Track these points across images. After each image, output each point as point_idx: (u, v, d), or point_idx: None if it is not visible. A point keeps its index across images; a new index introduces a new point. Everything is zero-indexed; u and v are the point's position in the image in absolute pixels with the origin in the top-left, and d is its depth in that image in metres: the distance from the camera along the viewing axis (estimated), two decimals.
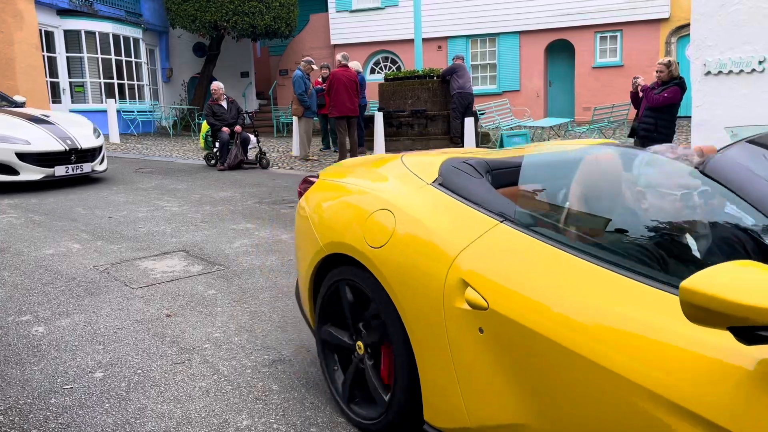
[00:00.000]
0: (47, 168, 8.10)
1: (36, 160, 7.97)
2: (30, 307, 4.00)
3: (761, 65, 5.53)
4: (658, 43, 17.17)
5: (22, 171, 7.90)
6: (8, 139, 7.82)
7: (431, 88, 13.24)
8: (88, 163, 8.66)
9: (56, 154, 8.16)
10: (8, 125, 8.09)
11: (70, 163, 8.31)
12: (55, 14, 16.08)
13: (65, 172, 8.30)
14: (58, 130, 8.36)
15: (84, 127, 8.94)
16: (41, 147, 7.99)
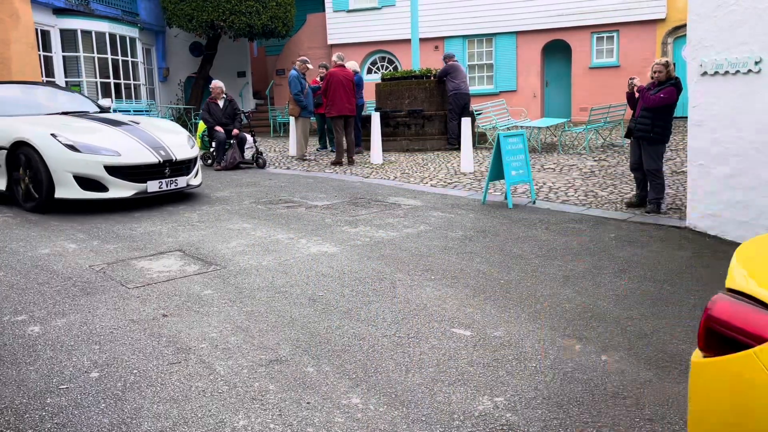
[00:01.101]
0: (139, 183, 6.82)
1: (126, 174, 6.73)
2: (25, 306, 3.99)
3: (757, 66, 5.54)
4: (655, 44, 17.19)
5: (112, 187, 6.63)
6: (96, 149, 6.62)
7: (428, 88, 13.23)
8: (183, 176, 7.33)
9: (149, 167, 6.92)
10: (95, 133, 7.00)
11: (163, 177, 7.03)
12: (51, 13, 16.03)
13: (158, 188, 6.98)
14: (149, 139, 7.16)
15: (177, 134, 7.74)
16: (133, 159, 6.76)
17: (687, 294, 4.32)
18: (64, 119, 7.35)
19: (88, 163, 6.49)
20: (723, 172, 5.90)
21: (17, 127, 6.75)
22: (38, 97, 8.34)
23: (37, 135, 6.55)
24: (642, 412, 2.78)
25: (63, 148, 6.46)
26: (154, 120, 8.41)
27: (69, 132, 6.69)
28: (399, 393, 2.93)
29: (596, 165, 10.03)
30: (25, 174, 6.68)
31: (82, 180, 6.51)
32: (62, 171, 6.46)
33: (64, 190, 6.51)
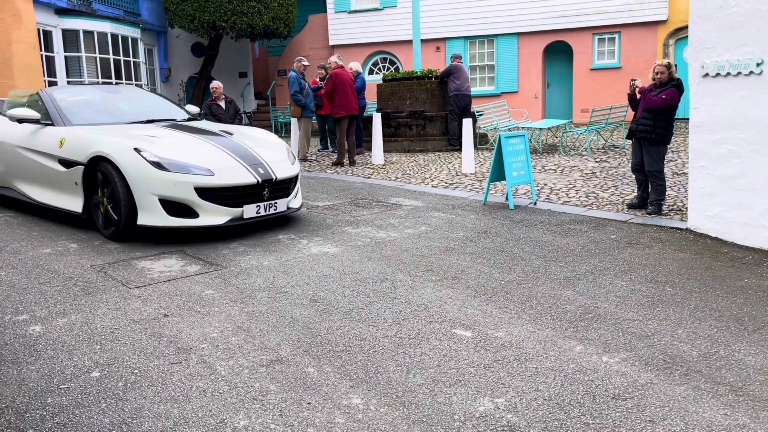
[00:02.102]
0: (234, 207, 5.63)
1: (220, 196, 5.57)
2: (27, 306, 3.99)
3: (759, 67, 5.54)
4: (656, 45, 17.19)
5: (202, 212, 5.49)
6: (186, 167, 5.47)
7: (429, 89, 13.23)
8: (283, 198, 6.08)
9: (246, 189, 5.70)
10: (184, 147, 5.84)
11: (262, 200, 5.82)
12: (54, 13, 16.04)
13: (255, 213, 5.77)
14: (246, 153, 5.98)
15: (276, 147, 6.53)
16: (228, 178, 5.58)
17: (688, 295, 4.32)
18: (149, 129, 6.27)
19: (177, 183, 5.35)
20: (724, 174, 5.89)
21: (96, 138, 5.71)
22: (120, 101, 7.46)
23: (117, 149, 5.49)
24: (643, 414, 2.78)
25: (147, 165, 5.36)
26: (249, 130, 7.11)
27: (154, 146, 5.59)
28: (400, 393, 2.93)
29: (597, 166, 10.03)
30: (103, 195, 5.63)
31: (168, 204, 5.39)
32: (146, 192, 5.36)
33: (147, 215, 5.42)
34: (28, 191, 6.38)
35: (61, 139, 5.94)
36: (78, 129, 6.06)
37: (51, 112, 6.38)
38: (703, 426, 2.69)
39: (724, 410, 2.83)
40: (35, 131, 6.26)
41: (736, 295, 4.36)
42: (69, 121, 6.28)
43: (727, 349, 3.48)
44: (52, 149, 5.98)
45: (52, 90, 6.78)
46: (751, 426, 2.70)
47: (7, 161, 6.59)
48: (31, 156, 6.23)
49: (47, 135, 6.14)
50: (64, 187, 5.97)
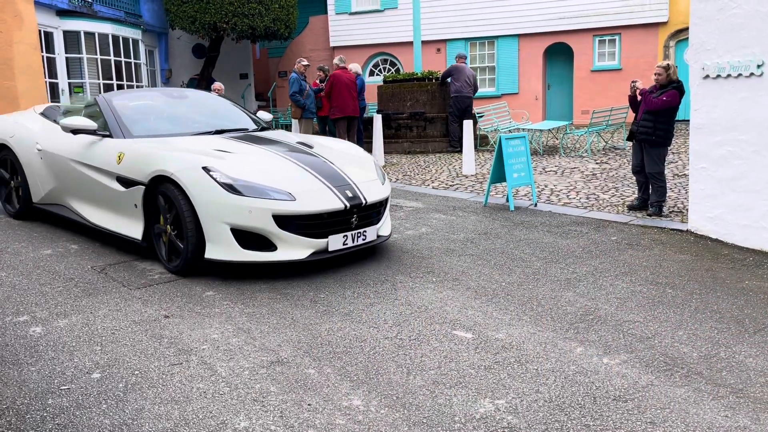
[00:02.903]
0: (318, 239, 4.63)
1: (301, 225, 4.58)
2: (27, 307, 4.00)
3: (759, 69, 5.54)
4: (657, 47, 17.19)
5: (281, 244, 4.53)
6: (263, 190, 4.52)
7: (430, 91, 13.24)
8: (373, 225, 5.03)
9: (332, 216, 4.69)
10: (260, 165, 4.86)
11: (349, 229, 4.81)
12: (55, 15, 16.06)
13: (342, 245, 4.76)
14: (330, 172, 4.99)
15: (364, 164, 5.49)
16: (311, 204, 4.60)
17: (689, 297, 4.32)
18: (218, 142, 5.29)
19: (253, 210, 4.44)
20: (725, 175, 5.89)
21: (158, 154, 4.84)
22: (186, 108, 6.42)
23: (183, 168, 4.58)
24: (644, 416, 2.78)
25: (218, 188, 4.46)
26: (329, 141, 6.15)
27: (226, 164, 4.66)
28: (400, 395, 2.93)
29: (598, 168, 10.03)
30: (166, 221, 4.75)
31: (241, 234, 4.49)
32: (216, 221, 4.46)
33: (217, 248, 4.52)
34: (82, 211, 5.55)
35: (119, 154, 5.07)
36: (138, 142, 5.17)
37: (109, 121, 5.47)
38: (703, 428, 2.69)
39: (724, 412, 2.83)
40: (91, 144, 5.39)
41: (736, 296, 4.35)
42: (129, 132, 5.37)
43: (728, 350, 3.48)
44: (110, 165, 5.12)
45: (111, 95, 5.94)
46: (751, 428, 2.70)
47: (61, 176, 5.75)
48: (86, 172, 5.38)
49: (104, 148, 5.27)
50: (123, 209, 5.10)
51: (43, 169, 5.92)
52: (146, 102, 6.32)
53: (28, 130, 6.16)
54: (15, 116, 6.67)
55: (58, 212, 5.90)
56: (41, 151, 5.90)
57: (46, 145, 5.86)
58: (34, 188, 6.11)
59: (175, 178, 4.56)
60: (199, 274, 4.69)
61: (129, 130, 5.41)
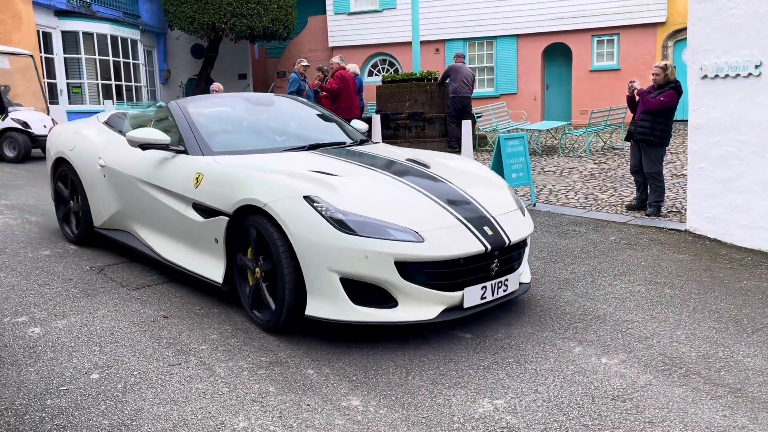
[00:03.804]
0: (449, 291, 3.50)
1: (430, 275, 3.47)
2: (26, 308, 4.00)
3: (757, 69, 5.55)
4: (655, 47, 17.22)
5: (404, 299, 3.43)
6: (383, 228, 3.43)
7: (429, 91, 13.25)
8: (514, 271, 3.86)
9: (470, 261, 3.56)
10: (373, 192, 3.76)
11: (489, 277, 3.65)
12: (53, 15, 16.06)
13: (480, 299, 3.60)
14: (461, 201, 3.85)
15: (496, 188, 4.28)
16: (444, 246, 3.46)
17: (687, 297, 4.32)
18: (315, 161, 4.21)
19: (370, 255, 3.32)
20: (723, 176, 5.90)
21: (247, 178, 3.80)
22: (271, 117, 5.30)
23: (280, 197, 3.53)
24: (642, 416, 2.79)
25: (325, 224, 3.38)
26: (445, 158, 4.84)
27: (333, 192, 3.56)
28: (399, 395, 2.93)
29: (596, 168, 10.04)
30: (256, 262, 3.69)
31: (352, 285, 3.39)
32: (321, 267, 3.38)
33: (321, 302, 3.43)
34: (151, 241, 4.61)
35: (197, 175, 4.09)
36: (220, 161, 4.13)
37: (184, 134, 4.49)
38: (702, 427, 2.70)
39: (723, 411, 2.83)
40: (163, 161, 4.45)
41: (735, 296, 4.36)
42: (208, 147, 4.34)
43: (726, 350, 3.49)
44: (185, 188, 4.16)
45: (185, 102, 4.93)
46: (749, 427, 2.70)
47: (127, 199, 4.81)
48: (156, 195, 4.44)
49: (178, 167, 4.30)
50: (200, 243, 4.12)
51: (107, 189, 4.99)
52: (226, 110, 5.27)
53: (90, 143, 5.27)
54: (76, 125, 5.89)
55: (122, 240, 4.93)
56: (104, 168, 4.97)
57: (110, 161, 4.94)
58: (95, 210, 5.18)
59: (269, 210, 3.51)
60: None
61: (208, 145, 4.37)
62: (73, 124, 6.03)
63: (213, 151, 4.30)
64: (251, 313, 3.79)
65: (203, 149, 4.33)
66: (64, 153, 5.45)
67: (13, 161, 11.58)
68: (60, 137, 5.72)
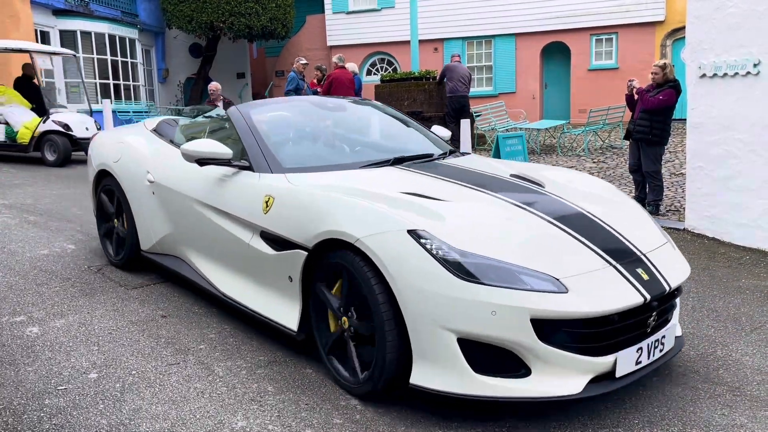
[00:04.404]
0: (598, 356, 2.63)
1: (574, 335, 2.61)
2: (24, 307, 3.99)
3: (756, 68, 5.55)
4: (654, 46, 17.23)
5: (539, 367, 2.57)
6: (514, 274, 2.60)
7: (427, 90, 13.25)
8: (668, 324, 3.01)
9: (625, 317, 2.68)
10: (488, 222, 2.95)
11: (644, 336, 2.80)
12: (51, 14, 16.04)
13: (635, 365, 2.73)
14: (602, 234, 2.99)
15: (635, 216, 3.38)
16: (595, 298, 2.60)
17: (685, 296, 4.32)
18: (405, 178, 3.46)
19: (499, 309, 2.54)
20: (722, 174, 5.91)
21: (328, 203, 3.05)
22: (345, 125, 4.54)
23: (375, 230, 2.78)
24: (641, 414, 2.79)
25: (437, 267, 2.61)
26: (557, 173, 3.88)
27: (438, 221, 2.81)
28: (398, 394, 2.93)
29: (595, 167, 10.04)
30: (346, 310, 2.96)
31: (471, 346, 2.60)
32: (432, 324, 2.61)
33: (431, 368, 2.66)
34: (208, 272, 3.87)
35: (266, 198, 3.35)
36: (294, 180, 3.38)
37: (248, 147, 3.71)
38: (701, 426, 2.70)
39: (721, 410, 2.83)
40: (224, 179, 3.71)
41: (733, 295, 4.36)
42: (277, 163, 3.58)
43: (725, 349, 3.49)
44: (251, 213, 3.42)
45: (248, 108, 4.14)
46: (748, 426, 2.70)
47: (180, 221, 4.11)
48: (216, 219, 3.71)
49: (243, 187, 3.56)
50: (269, 280, 3.37)
51: (156, 208, 4.31)
52: (293, 116, 4.47)
53: (137, 154, 4.57)
54: (121, 133, 5.24)
55: (173, 268, 4.23)
56: (153, 184, 4.30)
57: (161, 176, 4.25)
58: (142, 231, 4.49)
59: (362, 246, 2.74)
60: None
61: (277, 160, 3.59)
62: (118, 132, 5.42)
63: (284, 168, 3.53)
64: (330, 364, 3.05)
65: (272, 165, 3.56)
66: (108, 165, 4.75)
67: (53, 165, 10.94)
68: (103, 147, 5.02)
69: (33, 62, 11.58)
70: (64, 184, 9.06)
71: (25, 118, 11.25)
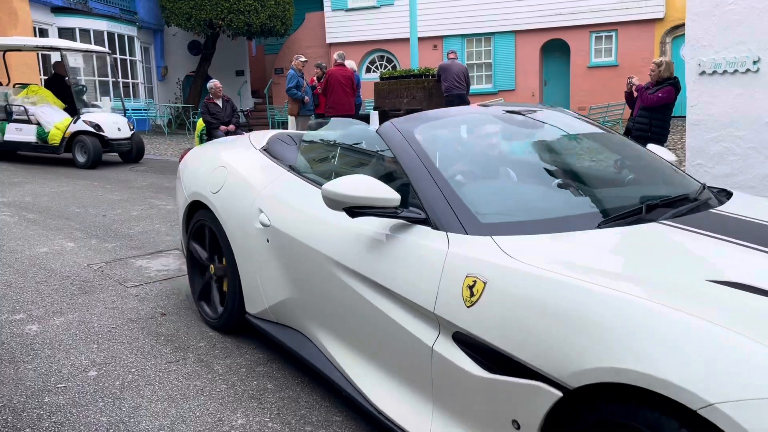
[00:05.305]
0: None
1: None
2: (23, 305, 3.99)
3: (755, 65, 5.55)
4: (653, 43, 17.22)
5: None
6: None
7: (427, 88, 13.24)
8: None
9: None
10: None
11: None
12: (50, 12, 16.02)
13: None
14: None
15: None
16: None
17: None
18: (692, 247, 2.02)
19: None
20: (721, 172, 5.91)
21: (599, 308, 1.64)
22: (545, 144, 3.00)
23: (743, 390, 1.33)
24: None
25: None
26: None
27: None
28: None
29: None
30: None
31: None
32: None
33: None
34: (348, 366, 2.61)
35: (469, 280, 1.98)
36: (514, 250, 1.99)
37: (422, 188, 2.40)
38: None
39: None
40: (383, 236, 2.40)
41: None
42: (474, 217, 2.22)
43: None
44: (440, 301, 2.06)
45: (407, 125, 2.83)
46: None
47: (307, 284, 2.85)
48: (368, 295, 2.41)
49: (420, 254, 2.22)
50: (466, 411, 2.03)
51: (271, 262, 3.04)
52: (477, 137, 3.05)
53: (245, 184, 3.31)
54: (220, 151, 3.88)
55: (290, 345, 2.97)
56: (269, 229, 3.02)
57: (280, 219, 2.98)
58: (250, 290, 3.25)
59: (718, 419, 1.35)
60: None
61: (474, 212, 2.25)
62: (216, 149, 4.02)
63: (486, 225, 2.15)
64: None
65: (465, 221, 2.18)
66: (204, 195, 3.53)
67: (83, 166, 10.60)
68: (198, 171, 3.77)
69: (64, 60, 11.39)
70: (63, 181, 9.06)
71: (56, 118, 10.93)
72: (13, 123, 11.03)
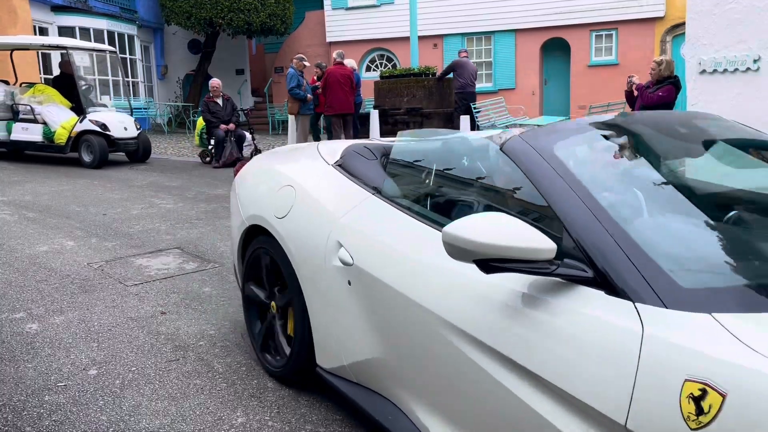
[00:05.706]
0: None
1: None
2: (23, 304, 3.99)
3: (756, 64, 5.54)
4: (653, 42, 17.21)
5: None
6: None
7: (427, 86, 13.23)
8: None
9: None
10: None
11: None
12: (50, 10, 16.00)
13: None
14: None
15: None
16: None
17: None
18: None
19: None
20: None
21: None
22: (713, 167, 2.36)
23: None
24: None
25: None
26: None
27: None
28: None
29: None
30: None
31: None
32: None
33: None
34: None
35: (695, 390, 1.24)
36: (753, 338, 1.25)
37: (586, 233, 1.62)
38: None
39: None
40: (525, 296, 1.66)
41: None
42: (670, 284, 1.44)
43: None
44: (652, 419, 1.30)
45: (541, 137, 2.03)
46: None
47: (403, 342, 2.14)
48: (500, 375, 1.67)
49: (589, 327, 1.48)
50: None
51: (353, 309, 2.39)
52: (629, 159, 2.26)
53: (318, 208, 2.68)
54: (285, 165, 3.22)
55: (371, 413, 2.33)
56: (352, 269, 2.36)
57: (367, 258, 2.31)
58: (323, 338, 2.63)
59: None
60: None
61: (667, 274, 1.48)
62: (278, 161, 3.37)
63: (699, 296, 1.43)
64: None
65: (662, 289, 1.46)
66: (267, 221, 2.88)
67: (89, 166, 10.46)
68: (258, 189, 3.17)
69: (70, 59, 11.35)
70: (63, 180, 9.06)
71: (62, 117, 10.85)
72: (19, 122, 10.96)
